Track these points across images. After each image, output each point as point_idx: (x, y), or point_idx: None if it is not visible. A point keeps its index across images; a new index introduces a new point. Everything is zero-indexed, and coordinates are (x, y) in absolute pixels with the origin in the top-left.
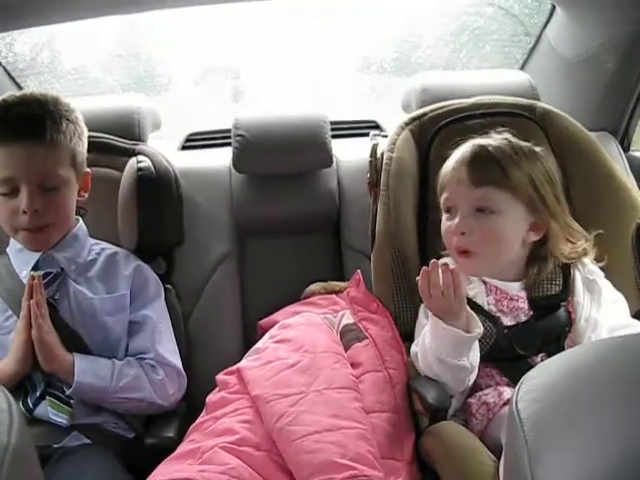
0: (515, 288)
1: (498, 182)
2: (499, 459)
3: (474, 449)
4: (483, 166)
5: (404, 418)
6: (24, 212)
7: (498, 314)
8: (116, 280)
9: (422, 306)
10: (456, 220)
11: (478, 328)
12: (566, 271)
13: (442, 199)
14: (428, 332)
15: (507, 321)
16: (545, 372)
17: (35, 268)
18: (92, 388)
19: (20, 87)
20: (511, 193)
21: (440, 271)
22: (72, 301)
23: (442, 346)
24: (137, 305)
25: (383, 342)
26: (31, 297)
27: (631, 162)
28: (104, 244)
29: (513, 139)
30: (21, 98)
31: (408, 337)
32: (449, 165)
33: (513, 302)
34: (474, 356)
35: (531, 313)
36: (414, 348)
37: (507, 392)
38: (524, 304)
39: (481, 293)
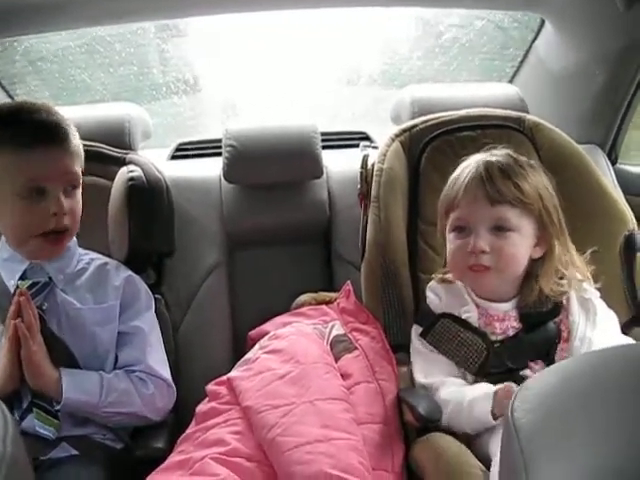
0: (507, 308)
1: (514, 199)
2: (488, 469)
3: (465, 460)
4: (498, 183)
5: (394, 429)
6: (54, 214)
7: (487, 330)
8: (105, 290)
9: (415, 331)
10: (472, 239)
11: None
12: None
13: (452, 218)
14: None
15: (496, 337)
16: (540, 383)
17: (22, 278)
18: (80, 404)
19: (10, 96)
20: (524, 209)
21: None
22: (60, 311)
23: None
24: (127, 316)
25: (374, 353)
26: (18, 315)
27: (618, 175)
28: (93, 254)
29: (514, 154)
30: (30, 105)
31: (398, 348)
32: (459, 183)
33: (505, 322)
34: None
35: (520, 326)
36: (428, 382)
37: None
38: (515, 321)
39: (473, 317)
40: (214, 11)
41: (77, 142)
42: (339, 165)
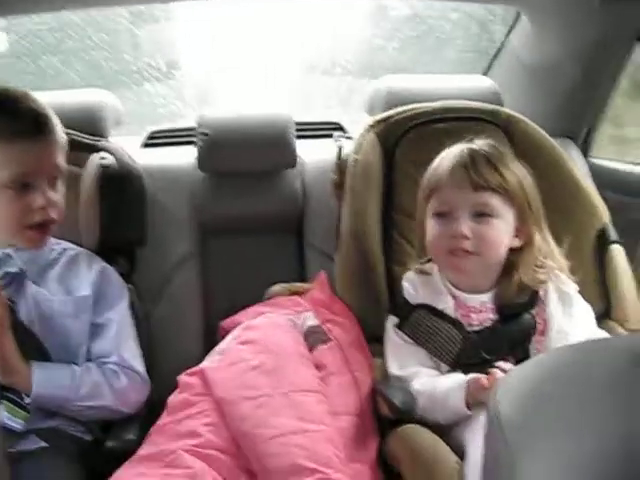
0: (484, 299)
1: (497, 186)
2: (462, 459)
3: (441, 452)
4: (483, 170)
5: (369, 421)
6: (42, 208)
7: (463, 321)
8: (78, 281)
9: (390, 322)
10: (454, 224)
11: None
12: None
13: (432, 203)
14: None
15: (472, 328)
16: (523, 373)
17: None
18: (52, 398)
19: None
20: (507, 197)
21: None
22: (31, 303)
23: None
24: (100, 308)
25: (348, 345)
26: None
27: (591, 168)
28: (65, 244)
29: (496, 144)
30: (13, 93)
31: (373, 339)
32: (441, 168)
33: (482, 314)
34: None
35: (496, 318)
36: (404, 374)
37: None
38: (492, 313)
39: (450, 308)
40: None
41: (62, 134)
42: (313, 155)
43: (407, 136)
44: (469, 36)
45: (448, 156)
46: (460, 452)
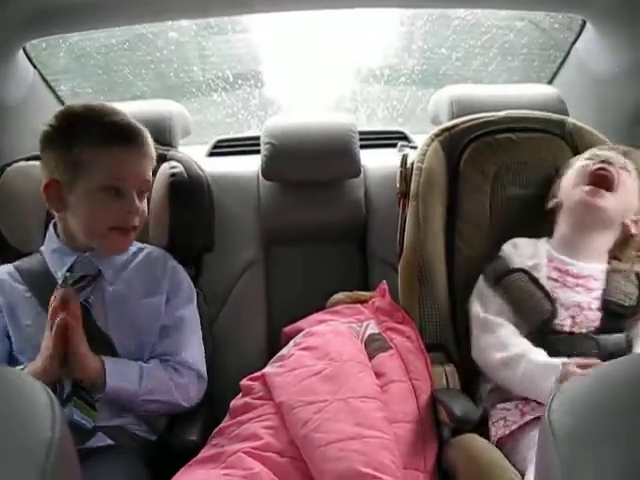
0: (581, 266)
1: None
2: (521, 474)
3: (500, 464)
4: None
5: (427, 429)
6: (128, 212)
7: (557, 291)
8: (153, 281)
9: (481, 278)
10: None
11: None
12: None
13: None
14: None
15: (569, 301)
16: (579, 385)
17: (70, 270)
18: (122, 392)
19: (54, 91)
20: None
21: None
22: (107, 305)
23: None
24: (170, 308)
25: (408, 352)
26: (62, 309)
27: None
28: (139, 244)
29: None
30: (111, 107)
31: (433, 348)
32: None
33: (581, 279)
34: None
35: (597, 324)
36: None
37: (529, 413)
38: (596, 295)
39: (541, 267)
40: (252, 10)
41: (153, 150)
42: (376, 164)
43: (471, 145)
44: (534, 45)
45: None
46: (519, 466)
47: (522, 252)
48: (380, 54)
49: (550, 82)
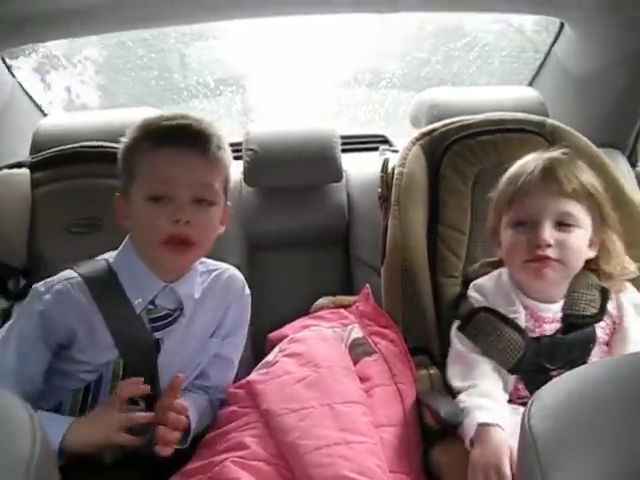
0: (554, 310)
1: (580, 193)
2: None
3: None
4: (564, 178)
5: (412, 432)
6: (176, 221)
7: (535, 330)
8: (222, 315)
9: (454, 331)
10: (536, 232)
11: None
12: (604, 294)
13: (511, 214)
14: None
15: (534, 334)
16: (557, 389)
17: (152, 302)
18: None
19: (34, 100)
20: (587, 204)
21: None
22: (178, 342)
23: None
24: (225, 341)
25: (392, 357)
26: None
27: (639, 178)
28: (207, 262)
29: (569, 152)
30: (183, 115)
31: (417, 351)
32: (522, 178)
33: (550, 324)
34: None
35: (560, 327)
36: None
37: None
38: (558, 323)
39: (520, 319)
40: (234, 16)
41: (222, 156)
42: (358, 168)
43: (452, 149)
44: (514, 47)
45: (526, 166)
46: None
47: (493, 301)
48: (361, 58)
49: (530, 84)
